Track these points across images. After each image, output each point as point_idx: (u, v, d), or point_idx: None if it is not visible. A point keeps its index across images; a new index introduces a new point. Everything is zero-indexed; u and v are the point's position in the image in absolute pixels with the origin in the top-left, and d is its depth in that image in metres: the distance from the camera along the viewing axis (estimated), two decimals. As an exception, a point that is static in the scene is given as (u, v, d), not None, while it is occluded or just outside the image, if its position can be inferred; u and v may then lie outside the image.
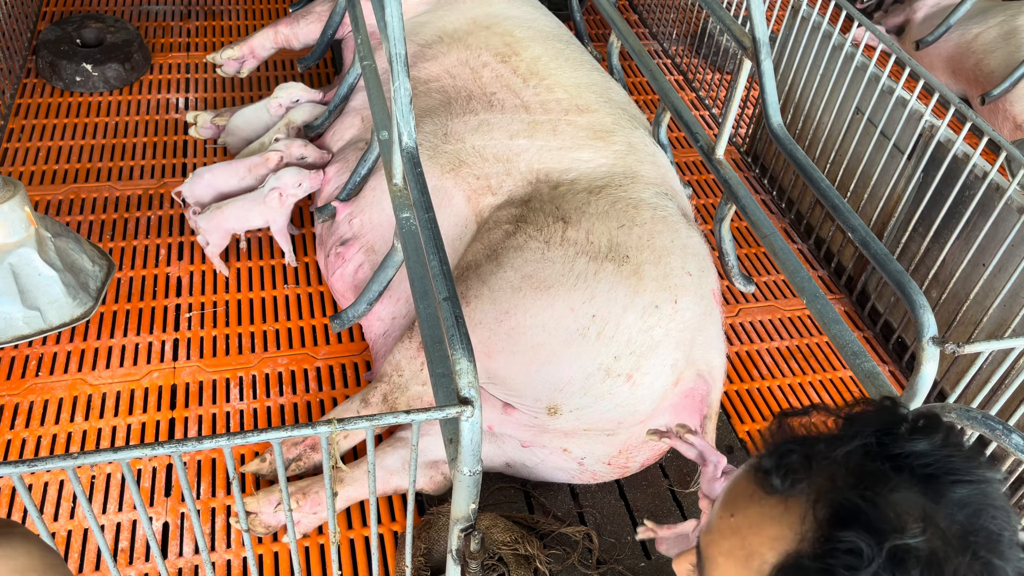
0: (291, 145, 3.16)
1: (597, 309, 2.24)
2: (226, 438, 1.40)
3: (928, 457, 0.82)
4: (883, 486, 0.80)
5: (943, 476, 0.81)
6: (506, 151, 2.68)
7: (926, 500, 0.80)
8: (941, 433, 0.85)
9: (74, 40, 3.88)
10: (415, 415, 1.49)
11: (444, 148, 2.74)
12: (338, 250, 2.87)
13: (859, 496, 0.80)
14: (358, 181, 2.99)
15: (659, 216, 2.46)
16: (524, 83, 2.93)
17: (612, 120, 2.84)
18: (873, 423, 0.88)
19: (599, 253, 2.33)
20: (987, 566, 0.77)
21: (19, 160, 3.43)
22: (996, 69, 4.38)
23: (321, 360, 2.80)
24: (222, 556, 2.26)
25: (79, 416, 2.54)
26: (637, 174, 2.62)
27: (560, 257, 2.32)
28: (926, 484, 0.81)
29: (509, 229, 2.45)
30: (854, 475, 0.83)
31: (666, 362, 2.28)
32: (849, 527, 0.78)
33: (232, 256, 3.13)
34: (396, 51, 2.10)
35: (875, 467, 0.83)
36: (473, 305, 2.31)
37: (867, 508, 0.79)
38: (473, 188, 2.63)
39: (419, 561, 2.18)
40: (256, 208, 2.97)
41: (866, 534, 0.77)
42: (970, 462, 0.83)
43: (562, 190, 2.55)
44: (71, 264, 2.76)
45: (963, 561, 0.77)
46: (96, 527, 1.45)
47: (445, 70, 3.08)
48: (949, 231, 2.87)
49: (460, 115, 2.84)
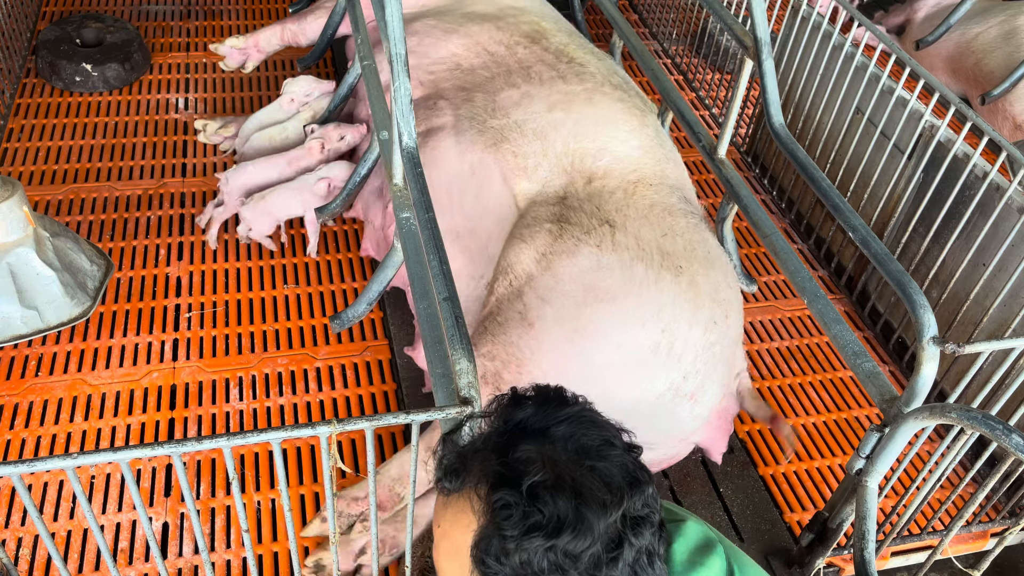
0: (328, 131, 3.19)
1: (666, 323, 2.13)
2: (226, 438, 1.39)
3: (535, 416, 1.11)
4: (511, 449, 1.06)
5: (549, 424, 1.10)
6: (544, 126, 2.62)
7: (541, 446, 1.07)
8: (542, 395, 1.15)
9: (74, 40, 3.88)
10: (415, 415, 1.48)
11: (491, 123, 2.69)
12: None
13: (497, 465, 1.05)
14: (358, 181, 2.99)
15: (692, 224, 2.40)
16: (557, 60, 2.94)
17: (643, 103, 2.83)
18: (503, 411, 1.15)
19: (653, 261, 2.22)
20: (593, 469, 1.05)
21: (18, 160, 3.43)
22: (996, 69, 4.38)
23: (321, 360, 2.80)
24: (222, 556, 2.25)
25: (79, 416, 2.54)
26: (664, 173, 2.58)
27: (618, 264, 2.20)
28: (539, 435, 1.09)
29: (553, 230, 2.32)
30: (494, 452, 1.08)
31: (722, 380, 2.24)
32: (497, 490, 1.02)
33: (232, 256, 3.13)
34: (396, 51, 2.10)
35: (504, 440, 1.09)
36: (538, 328, 2.17)
37: (504, 471, 1.04)
38: (511, 167, 2.55)
39: (423, 561, 2.18)
40: (299, 196, 3.02)
41: (509, 488, 1.02)
42: (562, 406, 1.12)
43: (596, 186, 2.47)
44: (69, 264, 2.76)
45: (579, 473, 1.03)
46: (96, 527, 1.45)
47: (482, 46, 3.08)
48: (949, 231, 2.87)
49: (504, 88, 2.81)
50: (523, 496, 1.00)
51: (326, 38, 3.87)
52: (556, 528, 0.99)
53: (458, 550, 1.07)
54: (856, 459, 2.00)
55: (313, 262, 3.15)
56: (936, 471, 2.18)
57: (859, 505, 2.02)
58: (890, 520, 2.37)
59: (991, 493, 2.49)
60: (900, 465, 2.20)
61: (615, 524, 1.02)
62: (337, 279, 3.10)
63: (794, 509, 2.58)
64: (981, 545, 2.54)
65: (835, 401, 2.93)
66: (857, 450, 2.00)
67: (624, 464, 1.08)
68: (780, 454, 2.73)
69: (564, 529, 0.99)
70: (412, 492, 1.65)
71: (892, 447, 1.91)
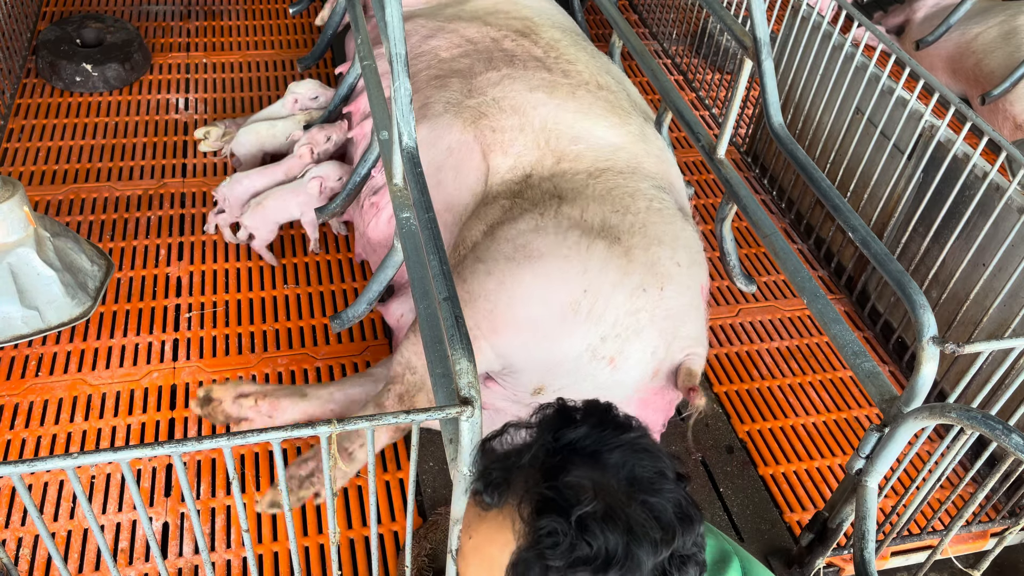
0: (313, 134, 3.20)
1: (589, 283, 2.17)
2: (226, 438, 1.39)
3: (588, 438, 1.05)
4: (561, 473, 1.01)
5: (601, 449, 1.04)
6: (523, 103, 2.65)
7: (593, 472, 1.01)
8: (596, 415, 1.08)
9: (74, 40, 3.88)
10: (415, 415, 1.48)
11: (467, 103, 2.72)
12: (372, 199, 2.87)
13: (546, 488, 1.00)
14: (358, 181, 2.99)
15: (655, 208, 2.42)
16: (545, 54, 2.94)
17: (629, 104, 2.83)
18: (550, 424, 1.09)
19: (592, 229, 2.27)
20: (645, 504, 1.00)
21: (19, 160, 3.43)
22: (996, 69, 4.38)
23: (321, 360, 2.80)
24: (222, 556, 2.26)
25: (79, 416, 2.54)
26: (640, 165, 2.59)
27: (553, 228, 2.27)
28: (591, 459, 1.03)
29: (505, 205, 2.42)
30: (540, 472, 1.03)
31: (647, 349, 2.22)
32: (544, 515, 0.98)
33: (232, 256, 3.13)
34: (396, 51, 2.09)
35: (554, 460, 1.04)
36: (469, 281, 2.26)
37: (553, 495, 0.99)
38: (489, 142, 2.59)
39: (423, 562, 2.18)
40: (296, 198, 3.04)
41: (556, 516, 0.97)
42: (618, 431, 1.06)
43: (563, 167, 2.51)
44: (70, 264, 2.76)
45: (632, 507, 0.99)
46: (96, 527, 1.45)
47: (467, 39, 3.08)
48: (949, 231, 2.87)
49: (483, 72, 2.83)
50: (572, 526, 0.97)
51: (326, 38, 3.87)
52: (604, 564, 0.96)
53: (490, 567, 1.04)
54: (856, 459, 2.00)
55: (313, 262, 3.15)
56: (936, 471, 2.18)
57: (859, 505, 2.02)
58: (890, 520, 2.37)
59: (991, 493, 2.49)
60: (900, 465, 2.20)
61: (663, 563, 0.99)
62: (337, 279, 3.10)
63: (794, 509, 2.58)
64: (981, 545, 2.54)
65: (835, 401, 2.93)
66: (857, 450, 2.00)
67: (677, 499, 1.03)
68: (780, 454, 2.73)
69: (612, 566, 0.96)
70: (412, 492, 1.65)
71: (892, 447, 1.91)
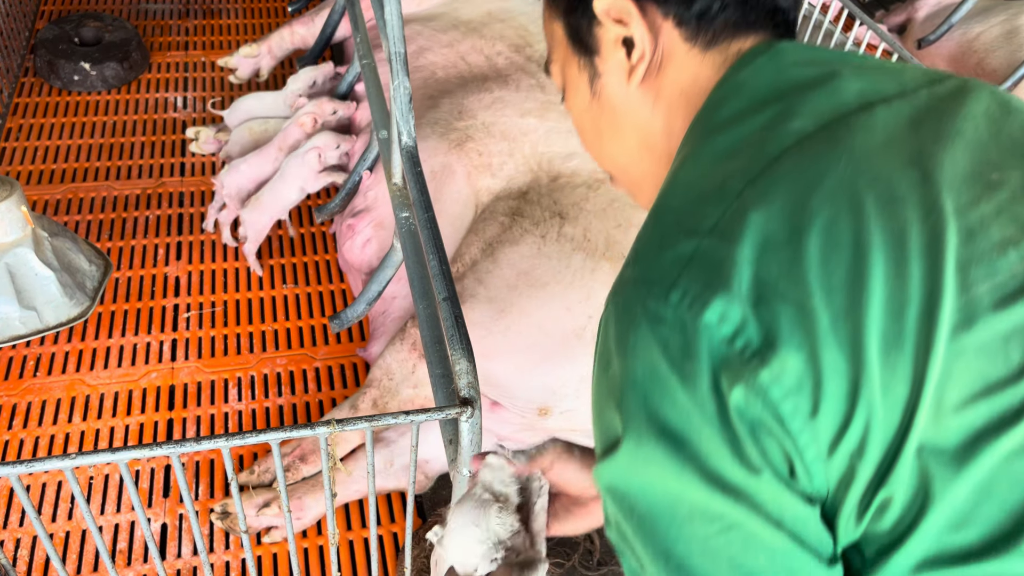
0: (321, 104, 3.15)
1: (593, 310, 2.21)
2: (225, 439, 1.39)
3: None
4: None
5: None
6: (513, 129, 2.65)
7: None
8: None
9: (72, 39, 3.87)
10: (415, 416, 1.48)
11: (456, 125, 2.71)
12: (349, 221, 2.86)
13: None
14: (356, 180, 2.98)
15: None
16: (539, 69, 2.93)
17: None
18: None
19: (596, 250, 2.30)
20: None
21: (16, 159, 3.42)
22: (998, 68, 4.37)
23: (320, 360, 2.79)
24: (221, 557, 2.25)
25: (77, 416, 2.53)
26: None
27: (556, 253, 2.30)
28: None
29: (505, 222, 2.43)
30: None
31: None
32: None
33: (231, 256, 3.12)
34: (396, 50, 2.09)
35: None
36: (469, 305, 2.29)
37: None
38: (475, 164, 2.59)
39: (423, 562, 2.17)
40: (292, 182, 2.96)
41: None
42: None
43: (561, 182, 2.53)
44: (68, 264, 2.75)
45: None
46: (94, 528, 1.44)
47: (460, 56, 3.07)
48: (951, 230, 2.86)
49: (475, 92, 2.82)
50: None
51: (325, 37, 3.86)
52: None
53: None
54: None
55: (312, 262, 3.14)
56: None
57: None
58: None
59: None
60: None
61: None
62: (337, 279, 3.09)
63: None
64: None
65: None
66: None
67: None
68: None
69: None
70: (411, 492, 1.64)
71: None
